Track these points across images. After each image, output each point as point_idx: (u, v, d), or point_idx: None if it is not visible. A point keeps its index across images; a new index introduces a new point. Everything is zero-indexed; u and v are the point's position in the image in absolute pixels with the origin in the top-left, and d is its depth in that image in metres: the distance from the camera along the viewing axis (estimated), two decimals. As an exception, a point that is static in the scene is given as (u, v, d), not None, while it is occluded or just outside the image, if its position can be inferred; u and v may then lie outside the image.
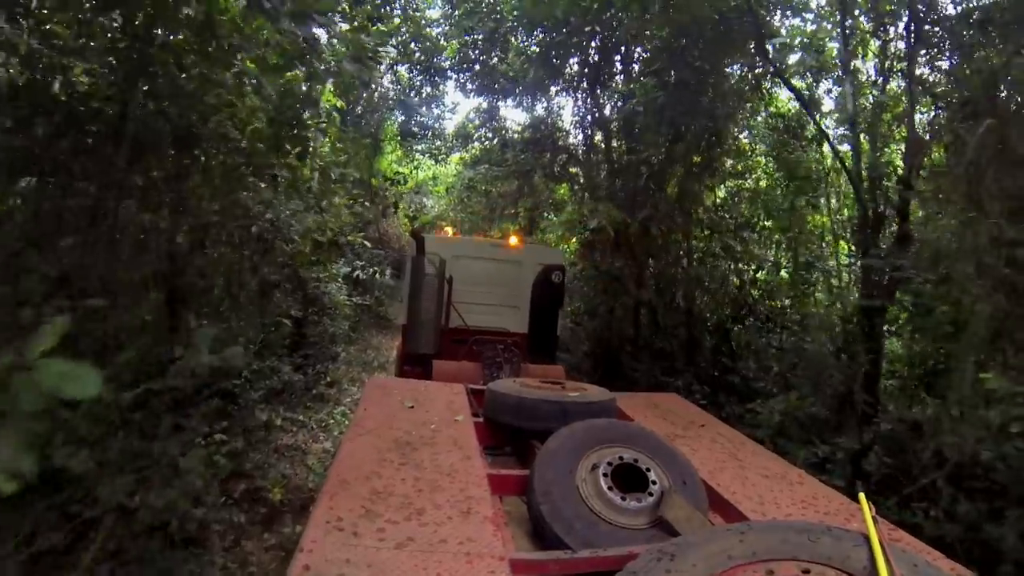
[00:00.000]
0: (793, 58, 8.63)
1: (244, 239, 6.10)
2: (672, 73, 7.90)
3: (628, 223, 7.64)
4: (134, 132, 4.00)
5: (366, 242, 9.31)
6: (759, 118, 10.12)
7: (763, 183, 10.58)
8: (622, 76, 11.30)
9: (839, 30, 7.05)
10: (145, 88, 4.20)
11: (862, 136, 6.53)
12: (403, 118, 15.96)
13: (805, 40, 7.80)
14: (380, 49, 8.26)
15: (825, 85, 9.30)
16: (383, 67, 14.09)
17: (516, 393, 3.00)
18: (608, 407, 3.04)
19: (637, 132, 10.16)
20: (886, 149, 7.51)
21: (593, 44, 11.43)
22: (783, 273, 9.47)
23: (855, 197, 6.82)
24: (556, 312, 6.77)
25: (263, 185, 6.07)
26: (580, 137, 13.31)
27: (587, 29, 9.90)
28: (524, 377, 4.51)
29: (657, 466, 2.27)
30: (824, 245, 9.84)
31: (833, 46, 8.00)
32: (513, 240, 7.27)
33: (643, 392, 4.82)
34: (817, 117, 8.20)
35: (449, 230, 8.72)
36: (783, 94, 10.34)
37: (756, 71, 9.17)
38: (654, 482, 2.19)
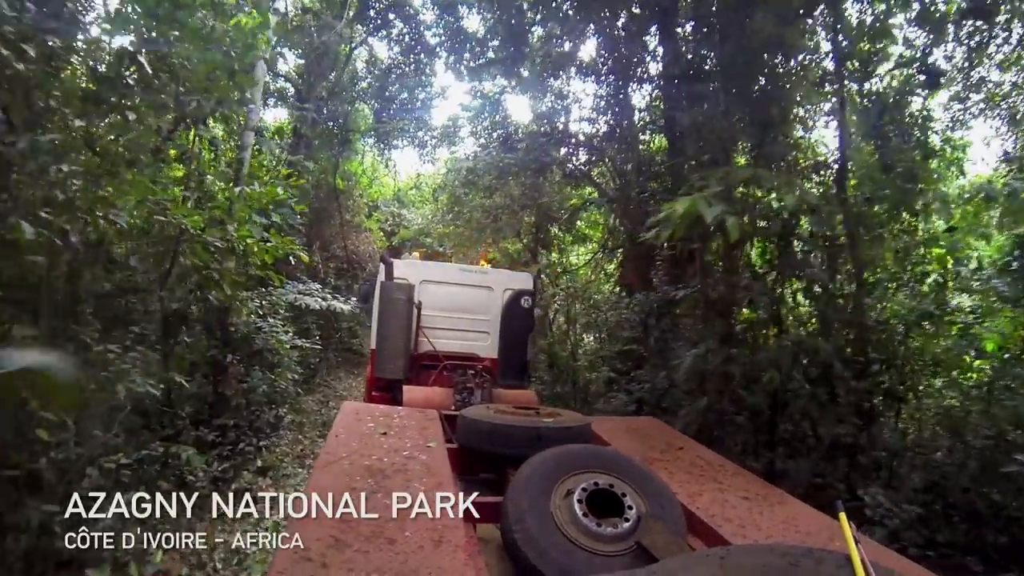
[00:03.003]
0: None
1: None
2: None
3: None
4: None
5: (303, 256, 6.36)
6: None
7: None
8: (662, 48, 9.83)
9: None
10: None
11: None
12: (379, 105, 13.01)
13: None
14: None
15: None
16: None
17: (489, 419, 3.11)
18: (583, 432, 3.14)
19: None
20: None
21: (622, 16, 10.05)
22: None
23: None
24: (526, 337, 7.02)
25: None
26: (604, 128, 11.61)
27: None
28: (495, 402, 4.60)
29: (633, 491, 2.34)
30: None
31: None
32: (483, 265, 7.75)
33: (619, 416, 4.79)
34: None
35: (416, 254, 8.43)
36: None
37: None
38: (630, 507, 2.25)
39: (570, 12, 10.06)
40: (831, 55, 8.00)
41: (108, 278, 5.40)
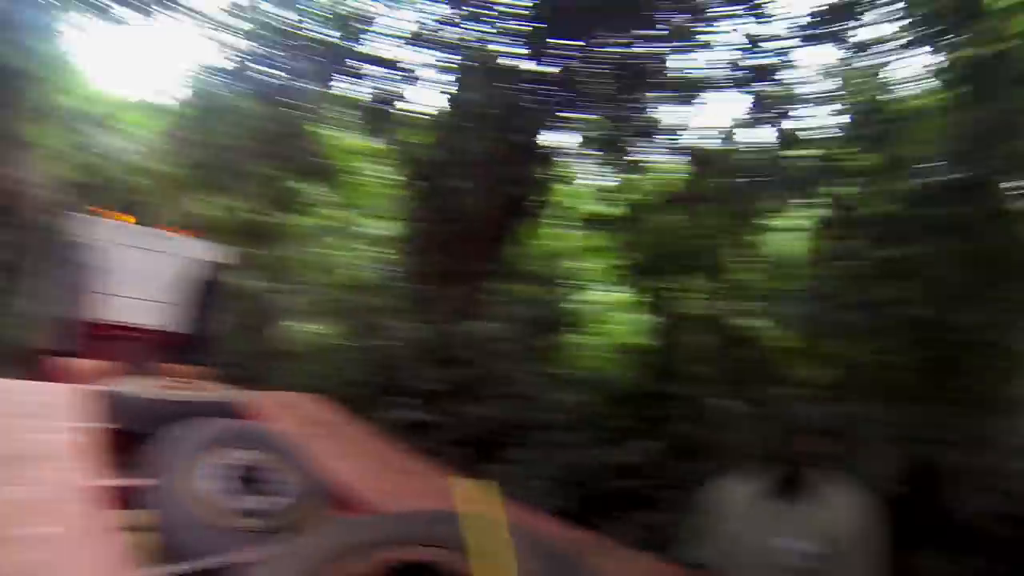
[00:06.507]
0: None
1: None
2: None
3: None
4: None
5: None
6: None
7: None
8: None
9: None
10: None
11: None
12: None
13: None
14: None
15: None
16: None
17: (134, 394, 3.16)
18: (230, 408, 3.21)
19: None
20: None
21: None
22: None
23: None
24: (211, 311, 7.16)
25: None
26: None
27: None
28: (169, 377, 4.77)
29: (280, 467, 2.43)
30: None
31: None
32: (171, 231, 7.45)
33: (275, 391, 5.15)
34: None
35: (128, 218, 7.46)
36: None
37: None
38: (276, 483, 2.37)
39: None
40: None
41: None
